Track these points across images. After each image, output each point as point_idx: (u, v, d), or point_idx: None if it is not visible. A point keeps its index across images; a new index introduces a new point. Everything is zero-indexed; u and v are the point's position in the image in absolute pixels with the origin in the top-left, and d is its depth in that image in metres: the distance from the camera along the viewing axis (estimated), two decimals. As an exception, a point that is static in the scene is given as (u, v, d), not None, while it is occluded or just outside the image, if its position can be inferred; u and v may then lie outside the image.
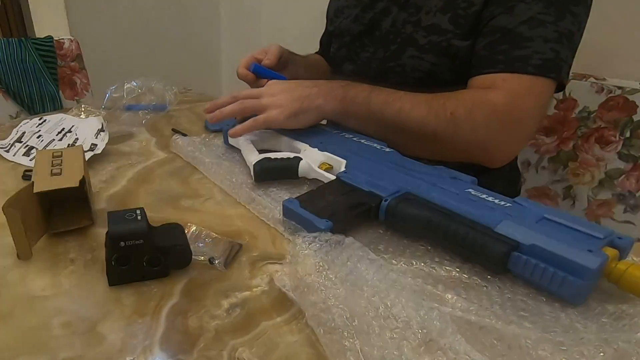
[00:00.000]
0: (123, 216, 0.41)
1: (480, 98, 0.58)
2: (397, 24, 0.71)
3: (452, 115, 0.58)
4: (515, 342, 0.34)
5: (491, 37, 0.60)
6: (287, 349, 0.35)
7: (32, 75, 1.27)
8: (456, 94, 0.60)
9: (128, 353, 0.34)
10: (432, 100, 0.59)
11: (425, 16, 0.67)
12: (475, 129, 0.58)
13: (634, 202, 0.84)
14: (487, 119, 0.57)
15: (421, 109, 0.59)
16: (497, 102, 0.57)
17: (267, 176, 0.58)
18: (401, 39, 0.70)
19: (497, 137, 0.58)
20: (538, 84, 0.58)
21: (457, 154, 0.60)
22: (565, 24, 0.57)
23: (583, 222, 0.40)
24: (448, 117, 0.58)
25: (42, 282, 0.42)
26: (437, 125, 0.58)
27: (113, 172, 0.65)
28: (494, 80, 0.59)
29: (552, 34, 0.57)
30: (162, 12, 1.92)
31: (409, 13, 0.70)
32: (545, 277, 0.37)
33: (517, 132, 0.60)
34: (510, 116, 0.58)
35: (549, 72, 0.58)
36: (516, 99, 0.57)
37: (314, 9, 1.04)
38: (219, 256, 0.44)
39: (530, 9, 0.57)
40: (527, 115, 0.59)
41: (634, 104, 0.80)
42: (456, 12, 0.64)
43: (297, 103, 0.62)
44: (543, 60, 0.57)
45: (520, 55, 0.57)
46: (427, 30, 0.67)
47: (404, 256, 0.44)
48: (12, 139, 0.74)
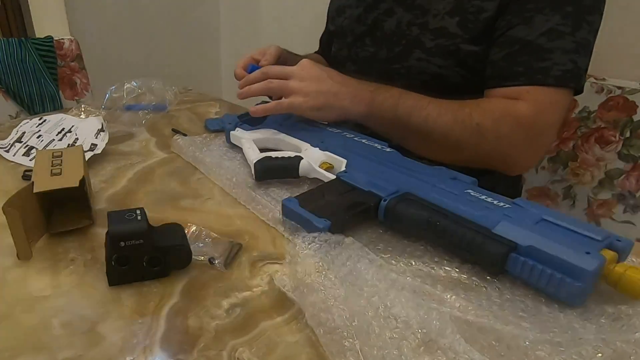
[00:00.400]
0: (123, 216, 0.41)
1: (507, 109, 0.59)
2: (402, 25, 0.71)
3: (478, 125, 0.58)
4: (514, 343, 0.34)
5: (510, 48, 0.60)
6: (287, 349, 0.35)
7: (32, 75, 1.27)
8: (482, 104, 0.61)
9: (128, 353, 0.34)
10: (459, 109, 0.60)
11: (432, 19, 0.67)
12: (499, 139, 0.59)
13: (634, 202, 0.84)
14: (513, 130, 0.58)
15: (448, 117, 0.59)
16: (523, 115, 0.58)
17: (268, 175, 0.58)
18: (406, 41, 0.70)
19: (519, 148, 0.60)
20: (559, 95, 0.59)
21: (479, 162, 0.61)
22: (582, 33, 0.58)
23: (582, 224, 0.40)
24: (474, 127, 0.58)
25: (42, 282, 0.42)
26: (461, 134, 0.59)
27: (113, 172, 0.65)
28: (518, 92, 0.59)
29: (570, 44, 0.57)
30: (162, 12, 1.92)
31: (414, 15, 0.69)
32: (543, 279, 0.37)
33: (539, 143, 0.61)
34: (534, 129, 0.59)
35: (569, 82, 0.58)
36: (541, 111, 0.58)
37: (314, 9, 1.04)
38: (219, 256, 0.44)
39: (548, 21, 0.58)
40: (550, 127, 0.60)
41: (634, 104, 0.80)
42: (465, 17, 0.63)
43: (323, 97, 0.62)
44: (563, 71, 0.57)
45: (541, 67, 0.58)
46: (434, 34, 0.66)
47: (403, 256, 0.44)
48: (12, 139, 0.74)
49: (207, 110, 0.96)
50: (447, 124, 0.59)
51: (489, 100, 0.62)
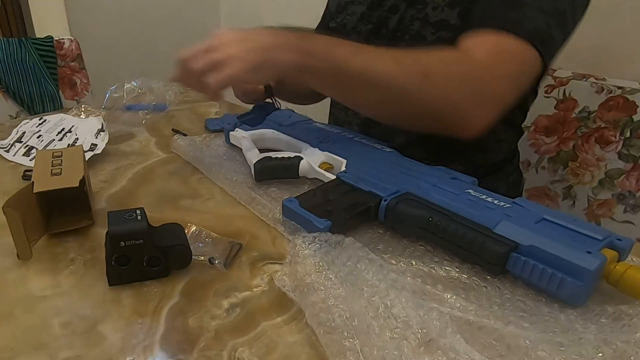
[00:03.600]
0: (123, 216, 0.41)
1: (461, 53, 0.55)
2: (405, 20, 0.69)
3: (424, 69, 0.53)
4: (514, 343, 0.34)
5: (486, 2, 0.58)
6: (287, 349, 0.35)
7: (32, 75, 1.27)
8: (433, 49, 0.55)
9: (128, 353, 0.34)
10: (405, 53, 0.54)
11: (432, 12, 0.65)
12: (448, 82, 0.53)
13: (634, 202, 0.84)
14: (463, 75, 0.53)
15: (390, 63, 0.53)
16: (477, 58, 0.53)
17: (268, 175, 0.58)
18: (409, 36, 0.68)
19: (469, 98, 0.54)
20: (524, 50, 0.54)
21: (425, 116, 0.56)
22: (562, 3, 0.56)
23: (582, 224, 0.40)
24: (420, 71, 0.53)
25: (42, 282, 0.42)
26: (406, 80, 0.53)
27: (113, 172, 0.65)
28: (480, 37, 0.55)
29: (548, 5, 0.55)
30: (162, 12, 1.92)
31: (416, 9, 0.67)
32: (544, 278, 0.37)
33: (493, 94, 0.55)
34: (487, 75, 0.54)
35: (537, 41, 0.54)
36: (498, 56, 0.54)
37: (314, 9, 1.04)
38: (219, 256, 0.44)
39: None
40: (506, 78, 0.55)
41: (634, 104, 0.80)
42: (465, 6, 0.61)
43: (257, 55, 0.53)
44: (534, 28, 0.54)
45: (512, 17, 0.55)
46: (435, 27, 0.65)
47: (403, 256, 0.44)
48: (12, 139, 0.74)
49: (207, 110, 0.96)
50: (389, 70, 0.53)
51: (442, 48, 0.57)
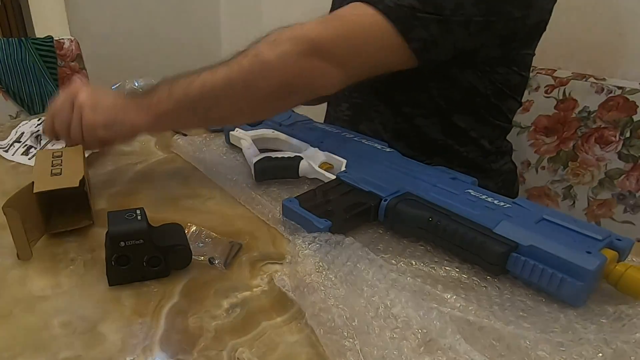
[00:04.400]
0: (123, 216, 0.41)
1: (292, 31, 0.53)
2: None
3: (255, 55, 0.52)
4: (514, 343, 0.34)
5: None
6: (287, 349, 0.35)
7: (32, 75, 1.27)
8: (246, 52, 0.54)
9: (128, 353, 0.34)
10: (231, 59, 0.54)
11: None
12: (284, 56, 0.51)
13: (634, 202, 0.84)
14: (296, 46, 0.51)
15: (222, 69, 0.54)
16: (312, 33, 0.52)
17: (268, 175, 0.58)
18: None
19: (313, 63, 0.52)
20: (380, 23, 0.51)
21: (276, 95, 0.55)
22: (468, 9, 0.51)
23: (582, 224, 0.40)
24: (252, 59, 0.52)
25: (42, 282, 0.42)
26: (240, 73, 0.53)
27: (113, 172, 0.65)
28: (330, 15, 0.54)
29: None
30: (162, 12, 1.92)
31: None
32: (544, 278, 0.37)
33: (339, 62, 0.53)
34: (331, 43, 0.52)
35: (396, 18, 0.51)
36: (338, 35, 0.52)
37: (315, 9, 1.04)
38: (219, 256, 0.44)
39: None
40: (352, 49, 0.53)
41: (634, 104, 0.80)
42: None
43: (110, 112, 0.56)
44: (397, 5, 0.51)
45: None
46: None
47: (403, 256, 0.44)
48: (11, 139, 0.74)
49: (207, 110, 0.96)
50: (223, 74, 0.53)
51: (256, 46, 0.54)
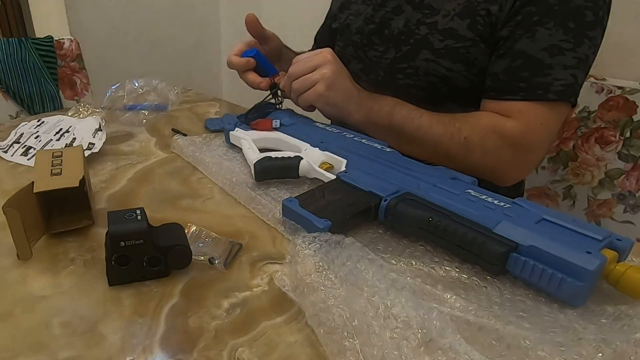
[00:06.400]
0: (123, 216, 0.41)
1: (495, 127, 0.60)
2: (411, 24, 0.69)
3: (465, 140, 0.61)
4: (514, 343, 0.34)
5: (511, 61, 0.60)
6: (287, 349, 0.35)
7: (32, 75, 1.27)
8: (471, 119, 0.62)
9: (128, 353, 0.34)
10: (449, 122, 0.62)
11: (442, 19, 0.66)
12: (485, 155, 0.61)
13: (634, 202, 0.84)
14: (498, 147, 0.60)
15: (438, 129, 0.62)
16: (510, 134, 0.60)
17: (268, 175, 0.58)
18: (415, 40, 0.68)
19: (506, 164, 0.62)
20: (556, 109, 0.60)
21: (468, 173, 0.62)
22: (583, 49, 0.58)
23: (582, 224, 0.40)
24: (462, 141, 0.61)
25: (42, 282, 0.42)
26: (450, 146, 0.61)
27: (113, 172, 0.65)
28: (511, 109, 0.60)
29: (571, 60, 0.58)
30: (162, 12, 1.92)
31: (423, 14, 0.68)
32: (544, 279, 0.37)
33: (527, 159, 0.63)
34: (521, 148, 0.61)
35: (569, 97, 0.59)
36: (530, 130, 0.60)
37: (315, 9, 1.04)
38: (219, 256, 0.44)
39: (551, 36, 0.58)
40: (539, 146, 0.62)
41: (634, 104, 0.80)
42: (475, 19, 0.62)
43: (341, 95, 0.64)
44: (564, 86, 0.58)
45: (541, 83, 0.58)
46: (443, 34, 0.65)
47: (403, 256, 0.44)
48: (10, 140, 0.74)
49: (207, 110, 0.96)
50: (437, 135, 0.62)
51: (479, 116, 0.63)
